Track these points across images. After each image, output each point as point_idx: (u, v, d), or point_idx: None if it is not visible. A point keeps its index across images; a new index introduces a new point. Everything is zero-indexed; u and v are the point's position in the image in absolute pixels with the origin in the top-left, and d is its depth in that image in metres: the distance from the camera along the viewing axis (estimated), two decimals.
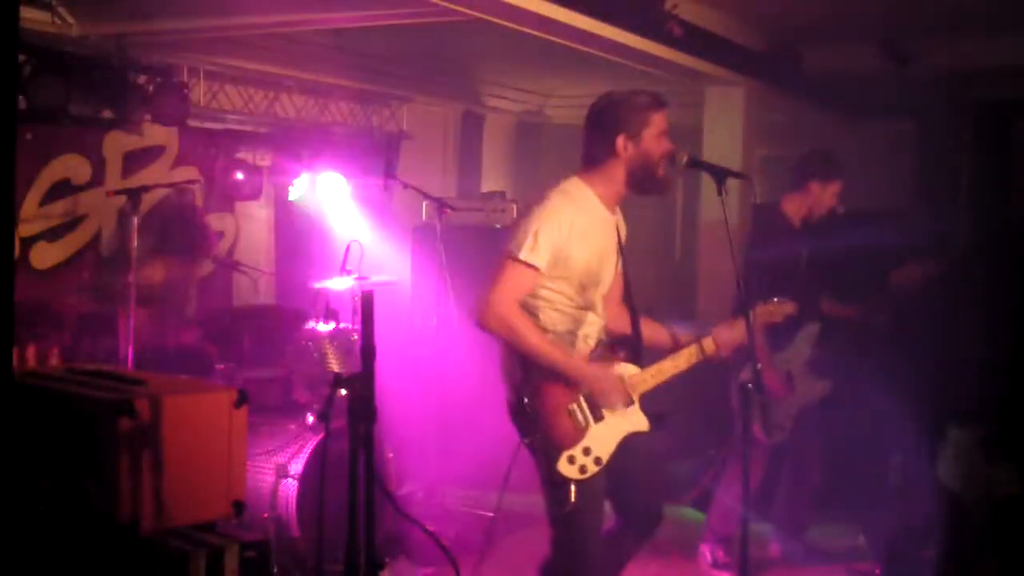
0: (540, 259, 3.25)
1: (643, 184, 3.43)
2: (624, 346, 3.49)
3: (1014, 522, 4.64)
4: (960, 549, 4.52)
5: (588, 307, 3.44)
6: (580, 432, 3.30)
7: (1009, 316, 5.99)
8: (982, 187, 7.25)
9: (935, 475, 5.17)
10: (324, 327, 5.20)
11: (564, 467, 3.25)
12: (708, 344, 3.51)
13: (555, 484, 3.26)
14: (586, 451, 3.29)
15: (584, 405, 3.33)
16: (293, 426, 4.96)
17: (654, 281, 8.33)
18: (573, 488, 3.26)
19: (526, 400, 3.25)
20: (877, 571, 4.96)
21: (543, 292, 3.36)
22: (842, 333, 5.15)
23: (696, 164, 3.44)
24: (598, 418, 3.34)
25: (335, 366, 4.94)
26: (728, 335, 3.51)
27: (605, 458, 3.33)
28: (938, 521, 4.68)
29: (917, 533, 4.69)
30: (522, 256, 3.24)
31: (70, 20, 5.42)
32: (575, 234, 3.32)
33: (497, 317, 3.22)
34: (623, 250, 3.55)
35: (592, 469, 3.30)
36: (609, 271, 3.50)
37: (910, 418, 5.04)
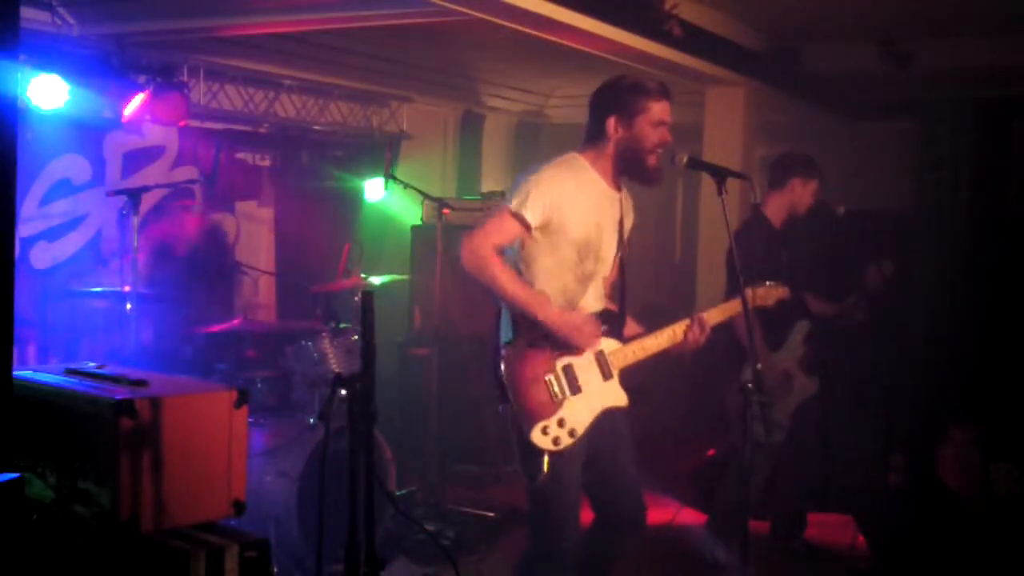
0: (530, 215, 3.28)
1: (630, 170, 3.45)
2: (607, 320, 3.48)
3: (1014, 521, 4.66)
4: (959, 548, 4.53)
5: (586, 280, 3.43)
6: (556, 404, 3.29)
7: (1008, 315, 6.00)
8: (982, 187, 7.26)
9: (935, 475, 5.18)
10: (324, 327, 5.20)
11: (537, 437, 3.25)
12: (690, 323, 3.51)
13: (528, 454, 3.26)
14: (560, 423, 3.28)
15: (561, 376, 3.32)
16: (293, 426, 4.96)
17: (654, 281, 8.34)
18: (546, 459, 3.26)
19: (502, 367, 3.27)
20: (877, 570, 4.97)
21: (542, 260, 3.37)
22: (831, 331, 5.19)
23: (696, 164, 3.44)
24: (575, 391, 3.33)
25: (335, 366, 4.94)
26: (711, 314, 3.54)
27: (580, 431, 3.32)
28: (938, 521, 4.69)
29: (917, 532, 4.70)
30: (512, 207, 3.29)
31: (70, 20, 5.42)
32: (570, 201, 3.34)
33: (473, 254, 3.26)
34: (623, 232, 3.55)
35: (566, 441, 3.28)
36: (610, 246, 3.49)
37: (910, 417, 5.06)
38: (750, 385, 3.22)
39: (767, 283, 3.82)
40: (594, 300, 3.48)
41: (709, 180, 3.43)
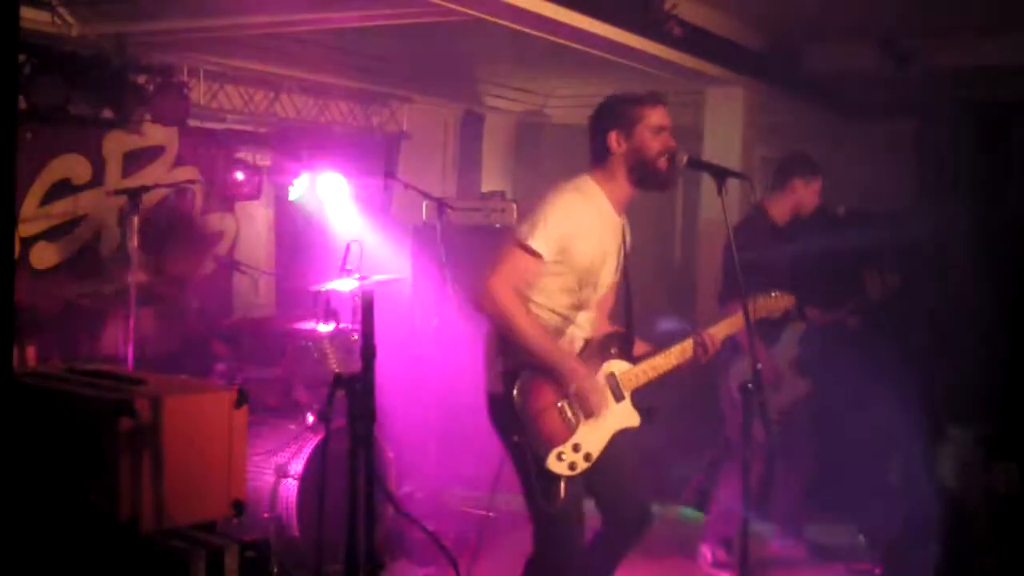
0: (544, 248, 3.27)
1: (644, 179, 3.44)
2: (616, 342, 3.48)
3: (1014, 522, 4.65)
4: (959, 548, 4.52)
5: (581, 306, 3.44)
6: (570, 429, 3.30)
7: (1009, 316, 5.99)
8: (982, 187, 7.25)
9: (935, 475, 5.18)
10: (324, 327, 5.20)
11: (553, 464, 3.26)
12: (698, 339, 3.52)
13: (545, 480, 3.25)
14: (576, 448, 3.29)
15: (574, 401, 3.33)
16: (293, 426, 4.96)
17: (654, 281, 8.33)
18: (563, 484, 3.26)
19: (515, 396, 3.25)
20: (877, 571, 4.97)
21: (539, 283, 3.36)
22: (828, 334, 5.20)
23: (696, 164, 3.44)
24: (588, 415, 3.34)
25: (335, 366, 4.94)
26: (718, 328, 3.55)
27: (595, 454, 3.34)
28: (938, 521, 4.69)
29: (917, 532, 4.70)
30: (527, 242, 3.27)
31: (70, 20, 5.42)
32: (582, 230, 3.34)
33: (492, 300, 3.23)
34: (625, 256, 3.55)
35: (582, 465, 3.30)
36: (609, 274, 3.50)
37: (910, 417, 5.05)
38: (750, 385, 3.22)
39: (773, 294, 3.79)
40: (584, 324, 3.49)
41: (709, 180, 3.43)
